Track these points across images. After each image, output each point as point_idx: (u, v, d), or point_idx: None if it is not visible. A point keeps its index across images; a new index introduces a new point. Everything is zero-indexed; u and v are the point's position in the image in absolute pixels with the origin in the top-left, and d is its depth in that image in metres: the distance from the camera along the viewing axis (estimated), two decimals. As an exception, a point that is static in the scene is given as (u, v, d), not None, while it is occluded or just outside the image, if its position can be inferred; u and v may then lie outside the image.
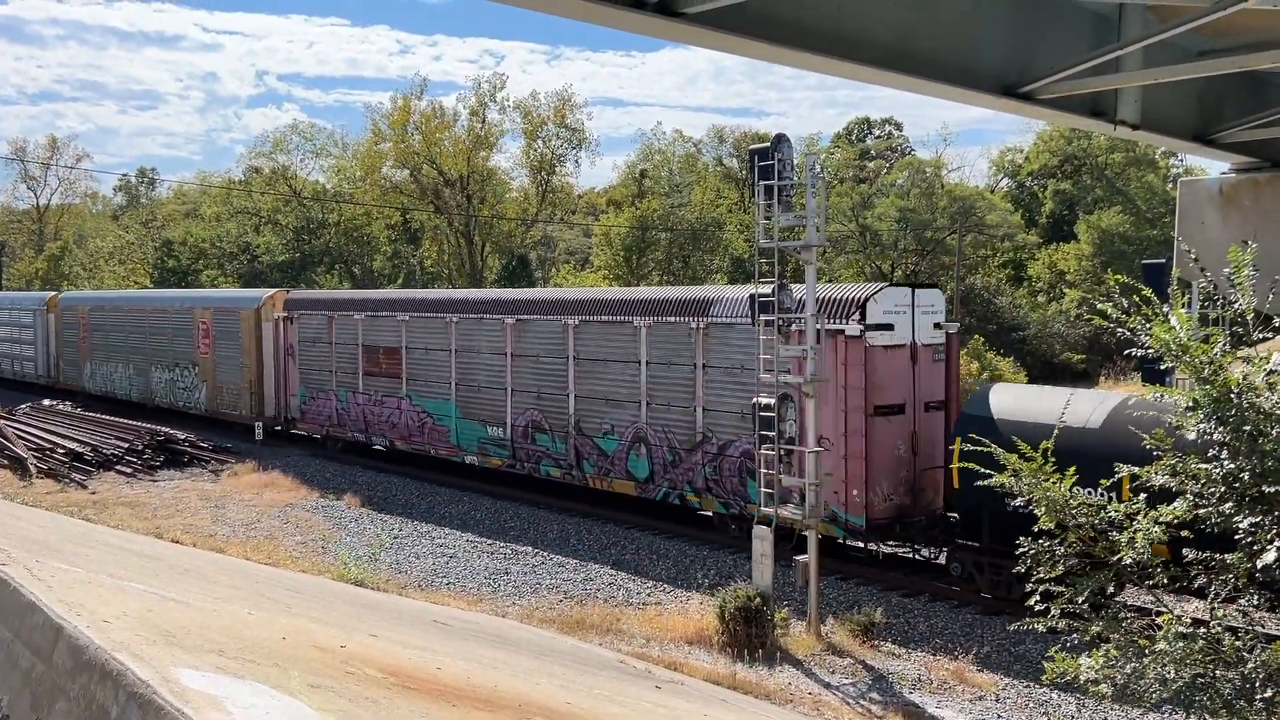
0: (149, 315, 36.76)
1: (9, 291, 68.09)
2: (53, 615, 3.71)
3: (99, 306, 40.97)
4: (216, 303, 34.06)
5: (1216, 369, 7.24)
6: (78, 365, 41.43)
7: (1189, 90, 9.48)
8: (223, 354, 32.21)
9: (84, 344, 40.88)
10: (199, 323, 33.52)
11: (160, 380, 35.75)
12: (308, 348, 29.09)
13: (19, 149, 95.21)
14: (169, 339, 35.12)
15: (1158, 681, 7.31)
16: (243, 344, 31.24)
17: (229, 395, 32.12)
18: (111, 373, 38.97)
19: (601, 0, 5.59)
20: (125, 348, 38.03)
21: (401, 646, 5.88)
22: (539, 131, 64.39)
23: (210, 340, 32.85)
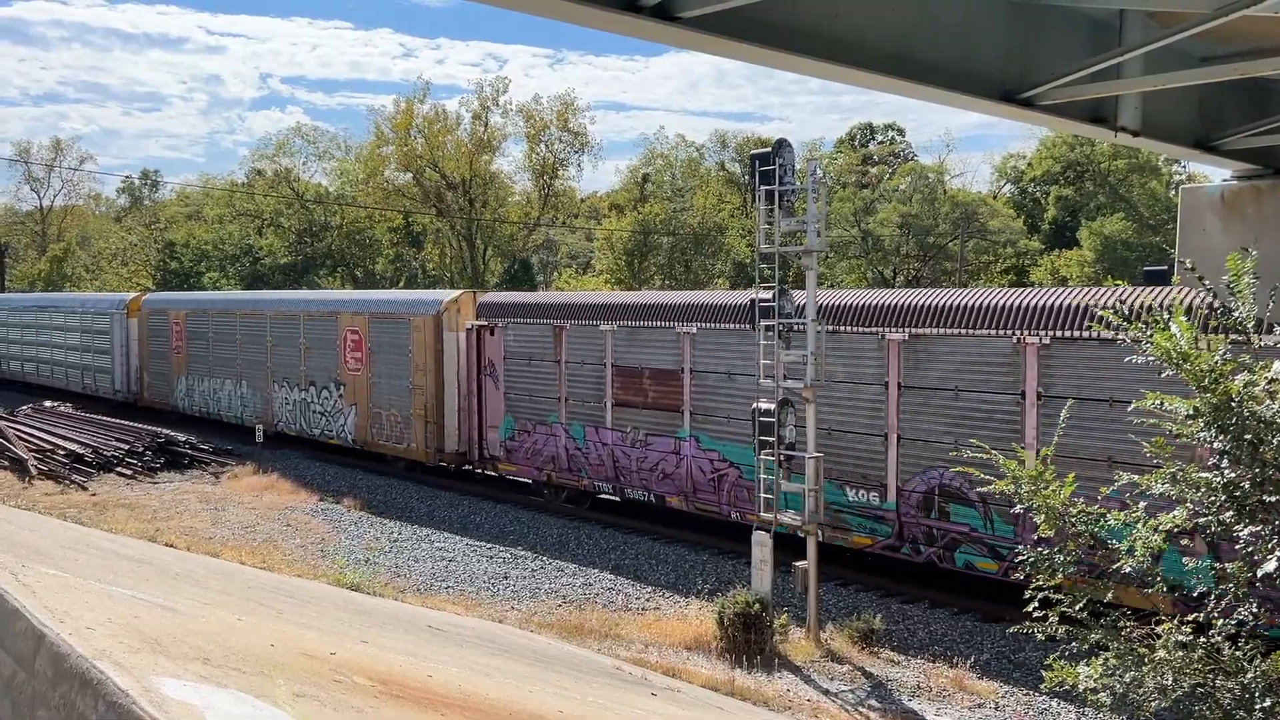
0: (272, 322, 29.99)
1: (79, 292, 62.60)
2: (35, 622, 3.67)
3: (200, 310, 34.15)
4: (375, 307, 26.43)
5: (1217, 377, 7.20)
6: (168, 380, 35.23)
7: (1190, 96, 9.44)
8: (382, 372, 25.53)
9: (178, 355, 34.68)
10: (346, 332, 26.78)
11: (286, 402, 29.25)
12: (518, 366, 22.15)
13: (23, 150, 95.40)
14: (302, 351, 28.46)
15: (1157, 690, 7.27)
16: (413, 360, 24.52)
17: (390, 424, 25.41)
18: (215, 391, 32.71)
19: (598, 5, 5.56)
20: (236, 361, 31.68)
21: (393, 653, 5.84)
22: (541, 135, 64.50)
23: (364, 354, 26.11)
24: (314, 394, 28.15)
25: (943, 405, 15.10)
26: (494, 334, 22.69)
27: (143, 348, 37.04)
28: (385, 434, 25.73)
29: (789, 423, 14.62)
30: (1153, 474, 7.55)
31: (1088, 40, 8.19)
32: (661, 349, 19.14)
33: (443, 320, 24.19)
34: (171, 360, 35.25)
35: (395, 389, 25.29)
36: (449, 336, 24.07)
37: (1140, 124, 8.82)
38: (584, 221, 75.66)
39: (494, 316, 22.85)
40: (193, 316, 34.22)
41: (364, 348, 26.28)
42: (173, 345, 35.15)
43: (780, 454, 14.40)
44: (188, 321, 34.41)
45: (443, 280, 64.70)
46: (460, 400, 23.93)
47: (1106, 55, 7.81)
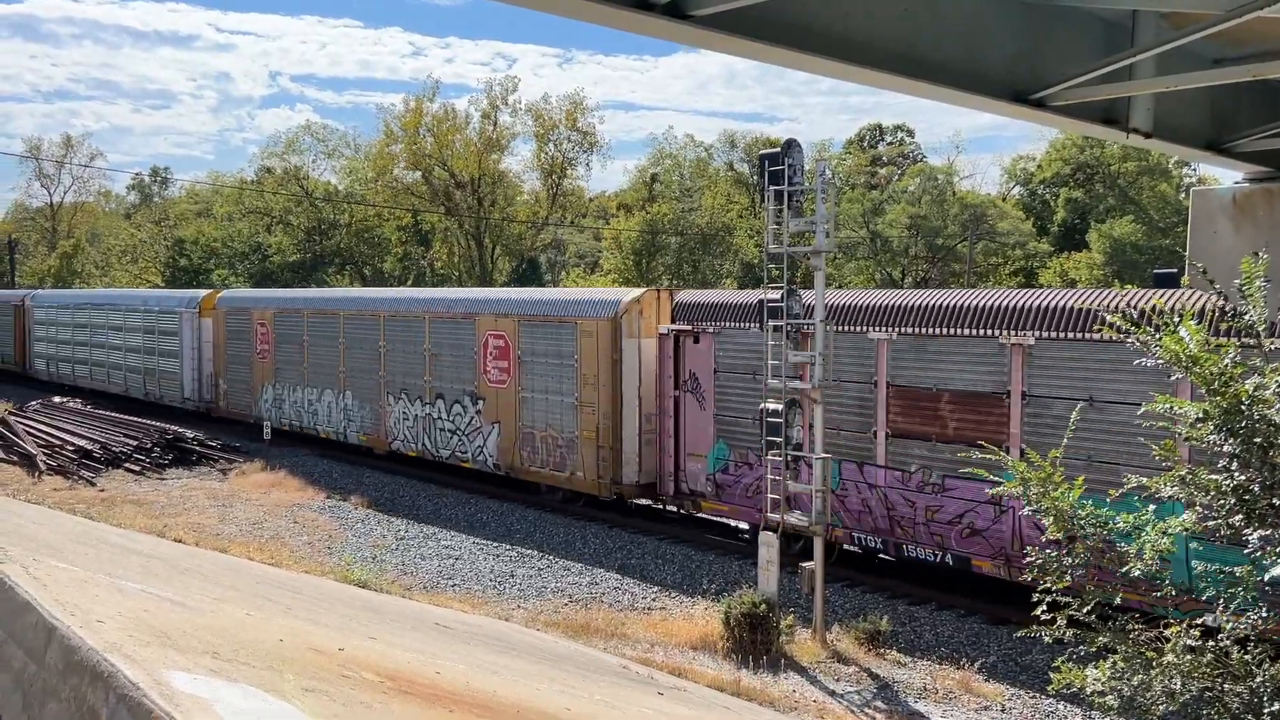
0: (388, 323, 25.95)
1: (145, 289, 59.27)
2: (46, 615, 3.68)
3: (293, 309, 29.75)
4: (528, 308, 22.42)
5: (1227, 380, 7.18)
6: (250, 388, 31.17)
7: (1202, 98, 9.41)
8: (536, 385, 21.61)
9: (263, 360, 30.57)
10: (488, 336, 22.72)
11: (404, 417, 25.34)
12: (736, 382, 17.96)
13: (34, 147, 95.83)
14: (427, 359, 24.56)
15: (1165, 694, 7.25)
16: (580, 371, 20.67)
17: (546, 448, 21.56)
18: (311, 402, 28.58)
19: (611, 2, 5.57)
20: (339, 368, 27.50)
21: (401, 650, 5.85)
22: (550, 134, 64.59)
23: (511, 363, 22.11)
24: (442, 409, 24.03)
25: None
26: (699, 341, 18.51)
27: (218, 351, 32.88)
28: (539, 459, 21.55)
29: (796, 423, 14.62)
30: (1161, 476, 7.53)
31: (1100, 41, 8.17)
32: (972, 366, 14.82)
33: (621, 324, 19.92)
34: (255, 366, 30.94)
35: (554, 406, 21.20)
36: (629, 344, 19.91)
37: (1152, 125, 8.80)
38: (592, 221, 75.73)
39: (699, 320, 18.66)
40: (283, 316, 29.93)
41: (511, 355, 22.22)
42: (256, 349, 30.84)
43: (788, 454, 14.39)
44: (276, 322, 30.15)
45: (451, 279, 64.79)
46: (644, 421, 19.93)
47: (1119, 56, 7.78)
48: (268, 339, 30.52)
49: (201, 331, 33.60)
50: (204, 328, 33.61)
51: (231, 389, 32.41)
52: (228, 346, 32.49)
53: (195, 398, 33.91)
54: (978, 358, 14.78)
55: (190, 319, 34.05)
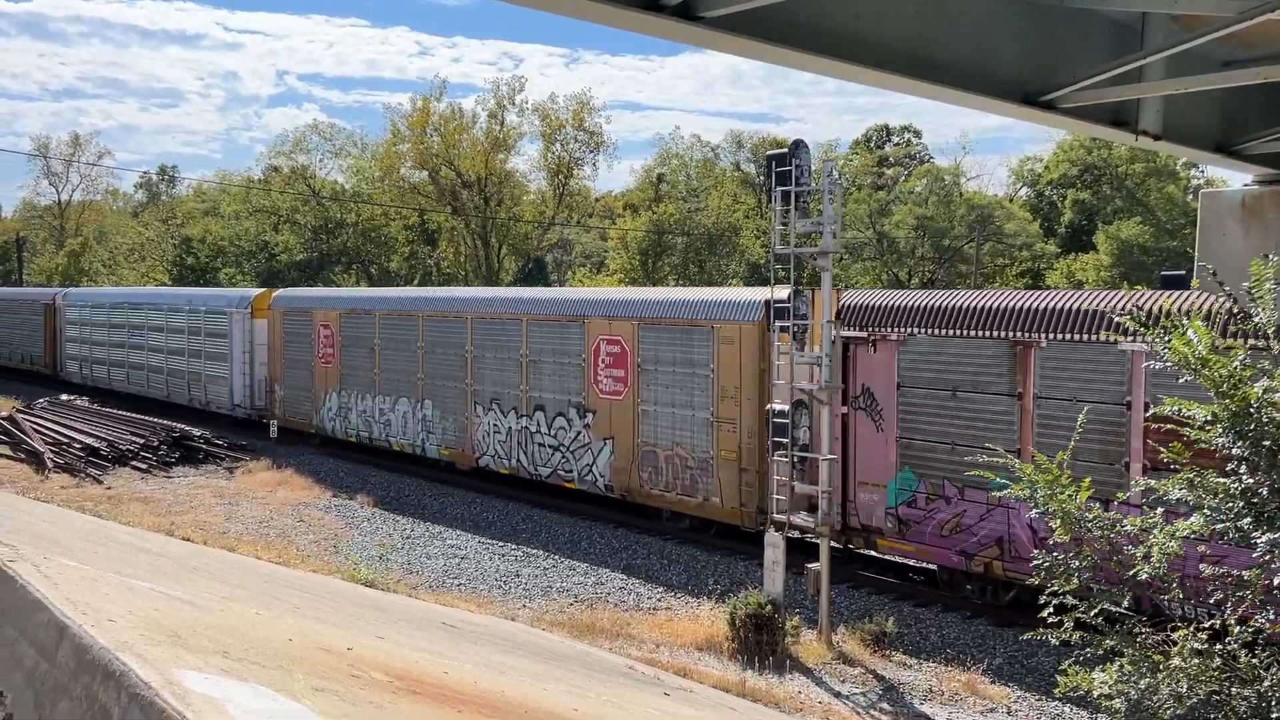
0: (477, 326, 23.31)
1: (188, 288, 56.21)
2: (58, 613, 3.70)
3: (363, 310, 27.03)
4: (650, 310, 19.65)
5: (1236, 383, 7.17)
6: (310, 396, 28.62)
7: (1212, 100, 9.39)
8: (660, 397, 18.86)
9: (327, 365, 27.97)
10: (600, 341, 20.06)
11: (496, 430, 22.75)
12: (930, 400, 15.21)
13: (42, 146, 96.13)
14: (524, 366, 21.97)
15: (1172, 698, 7.24)
16: (717, 382, 18.07)
17: (673, 469, 18.92)
18: (383, 412, 26.03)
19: (621, 4, 5.57)
20: (416, 375, 24.99)
21: (409, 649, 5.86)
22: (557, 134, 64.62)
23: (630, 371, 19.42)
24: (542, 422, 21.54)
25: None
26: (876, 349, 15.75)
27: (274, 355, 30.21)
28: (663, 481, 19.01)
29: (802, 424, 14.62)
30: (1170, 478, 7.52)
31: (1109, 43, 8.16)
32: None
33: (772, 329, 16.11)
34: (316, 372, 28.36)
35: (683, 421, 18.63)
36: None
37: (1162, 127, 8.78)
38: (598, 221, 75.76)
39: (877, 324, 15.82)
40: (351, 318, 27.24)
41: (629, 363, 19.53)
42: (318, 353, 28.24)
43: (794, 455, 14.40)
44: (343, 324, 27.46)
45: (457, 278, 64.86)
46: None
47: (1129, 58, 7.77)
48: (332, 342, 27.79)
49: (254, 333, 30.97)
50: (257, 329, 30.99)
51: (289, 396, 29.66)
52: (285, 350, 29.76)
53: (246, 404, 31.22)
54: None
55: (241, 320, 31.32)
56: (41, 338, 46.07)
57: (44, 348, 45.88)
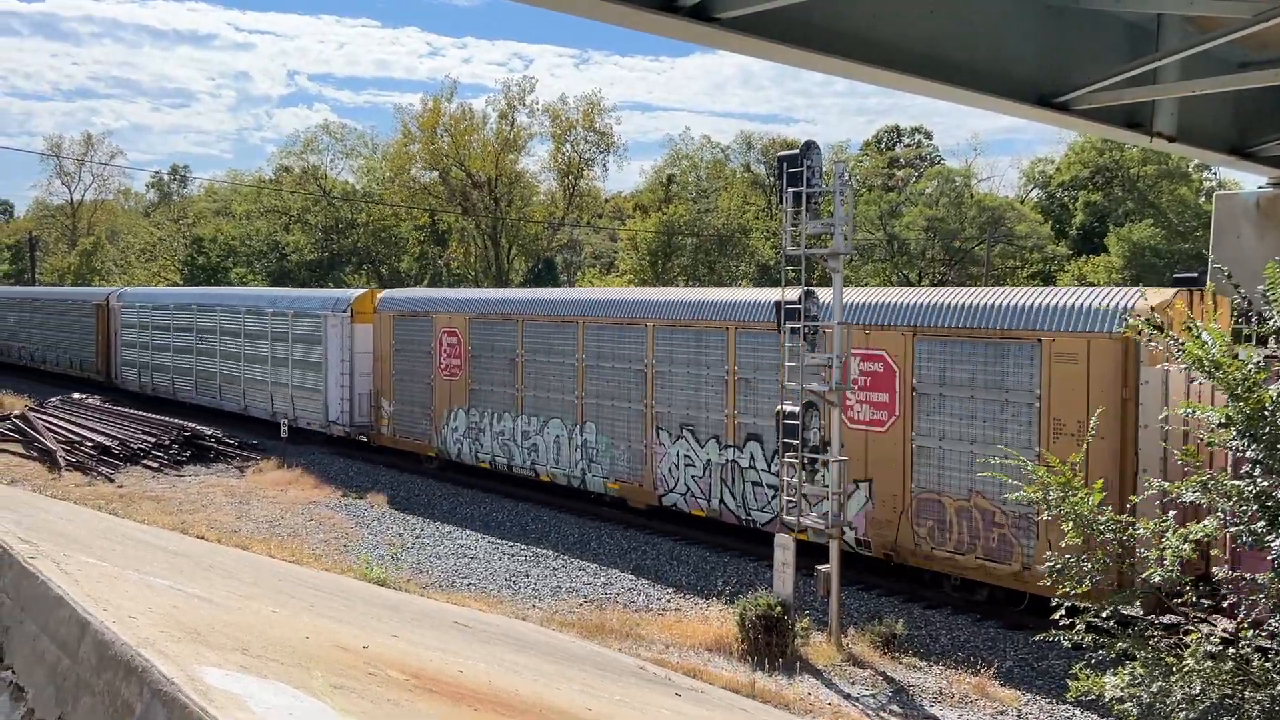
0: (660, 335, 19.43)
1: (268, 288, 52.70)
2: (80, 610, 3.73)
3: (500, 313, 23.18)
4: (936, 317, 15.41)
5: (1250, 385, 7.16)
6: (430, 413, 24.98)
7: (1227, 102, 9.36)
8: (947, 429, 15.07)
9: (451, 378, 24.28)
10: (853, 356, 15.88)
11: (689, 462, 18.91)
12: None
13: (55, 145, 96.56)
14: (729, 385, 18.15)
15: (1185, 701, 7.23)
16: (1047, 414, 13.99)
17: (966, 524, 14.95)
18: (527, 435, 22.29)
19: (637, 5, 5.59)
20: (573, 392, 21.27)
21: (423, 648, 5.88)
22: (567, 135, 64.70)
23: (900, 396, 15.43)
24: (757, 456, 17.78)
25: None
26: None
27: (381, 365, 26.58)
28: (951, 539, 15.08)
29: (813, 425, 14.60)
30: (1184, 480, 7.51)
31: (1124, 45, 8.14)
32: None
33: (1136, 345, 12.54)
34: (437, 386, 24.75)
35: (983, 463, 13.59)
36: (1152, 375, 12.67)
37: (1176, 129, 8.76)
38: (608, 222, 75.80)
39: None
40: (484, 324, 23.56)
41: (897, 385, 15.55)
42: (440, 364, 24.68)
43: (804, 457, 14.38)
44: (472, 330, 23.78)
45: (467, 279, 64.98)
46: None
47: (1143, 60, 7.76)
48: (459, 351, 24.10)
49: (354, 340, 27.29)
50: (358, 335, 27.27)
51: (400, 413, 26.04)
52: (395, 359, 26.15)
53: (345, 421, 27.56)
54: None
55: (339, 324, 27.63)
56: (94, 342, 42.44)
57: (96, 353, 42.30)
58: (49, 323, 46.76)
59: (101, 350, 41.82)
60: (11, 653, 4.05)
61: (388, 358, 26.53)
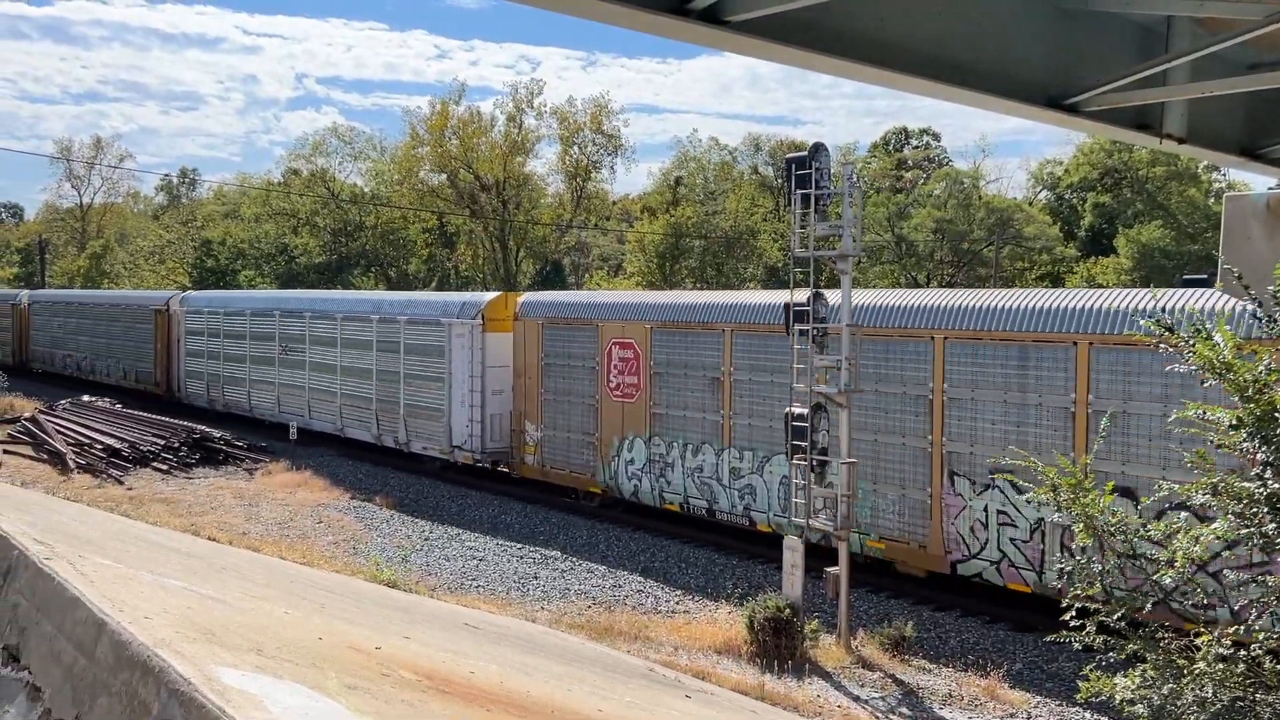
0: (956, 351, 15.33)
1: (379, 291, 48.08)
2: (96, 611, 3.75)
3: (692, 322, 19.50)
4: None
5: (1261, 387, 7.14)
6: (594, 441, 21.31)
7: (1238, 103, 9.34)
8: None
9: (625, 399, 20.57)
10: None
11: (1005, 520, 14.72)
12: None
13: (65, 149, 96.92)
14: (1080, 422, 13.95)
15: (1196, 703, 7.20)
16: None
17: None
18: (736, 472, 18.48)
19: (649, 8, 5.60)
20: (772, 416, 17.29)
21: (435, 649, 5.90)
22: (575, 137, 64.76)
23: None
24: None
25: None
26: None
27: (524, 383, 22.92)
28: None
29: (822, 427, 14.60)
30: (1194, 484, 7.49)
31: (1134, 45, 8.13)
32: None
33: None
34: (605, 408, 20.97)
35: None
36: None
37: (1186, 131, 8.74)
38: (616, 224, 75.83)
39: None
40: (671, 334, 19.64)
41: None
42: (610, 382, 20.83)
43: (813, 459, 14.38)
44: (656, 341, 19.86)
45: (475, 281, 65.06)
46: None
47: (1153, 61, 7.74)
48: (636, 367, 20.22)
49: (486, 351, 23.74)
50: (491, 346, 23.71)
51: (552, 439, 22.28)
52: (545, 375, 22.42)
53: (473, 446, 23.97)
54: None
55: (467, 333, 24.08)
56: (151, 350, 38.90)
57: (155, 363, 38.65)
58: (99, 329, 43.32)
59: (161, 361, 38.31)
60: (28, 653, 4.08)
61: (534, 373, 22.62)
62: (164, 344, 38.29)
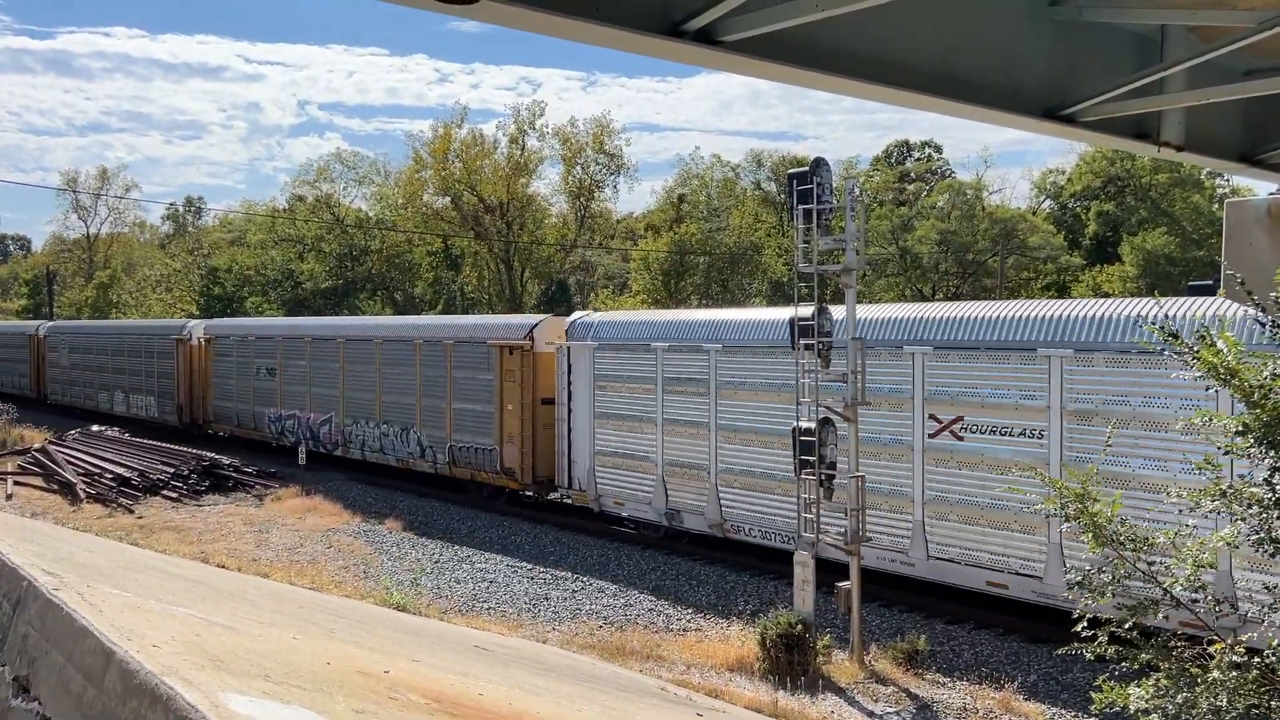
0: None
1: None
2: (104, 640, 3.77)
3: None
4: None
5: (1267, 392, 7.13)
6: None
7: (1235, 111, 9.36)
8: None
9: None
10: None
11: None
12: None
13: (71, 180, 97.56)
14: None
15: (1211, 712, 7.16)
16: None
17: None
18: None
19: (644, 31, 5.64)
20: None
21: (444, 672, 5.90)
22: (577, 157, 64.96)
23: None
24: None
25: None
26: None
27: None
28: None
29: (830, 441, 14.58)
30: (1204, 488, 7.47)
31: (1130, 55, 8.16)
32: None
33: None
34: None
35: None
36: None
37: (1184, 139, 8.76)
38: (620, 242, 75.98)
39: None
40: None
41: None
42: None
43: (821, 473, 14.36)
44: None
45: (481, 303, 65.17)
46: None
47: (1149, 71, 7.77)
48: None
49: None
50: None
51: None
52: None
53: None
54: None
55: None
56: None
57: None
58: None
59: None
60: (38, 683, 4.10)
61: None
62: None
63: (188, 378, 36.89)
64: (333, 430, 29.98)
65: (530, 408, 23.19)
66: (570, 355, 21.99)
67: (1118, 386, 13.89)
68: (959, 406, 15.41)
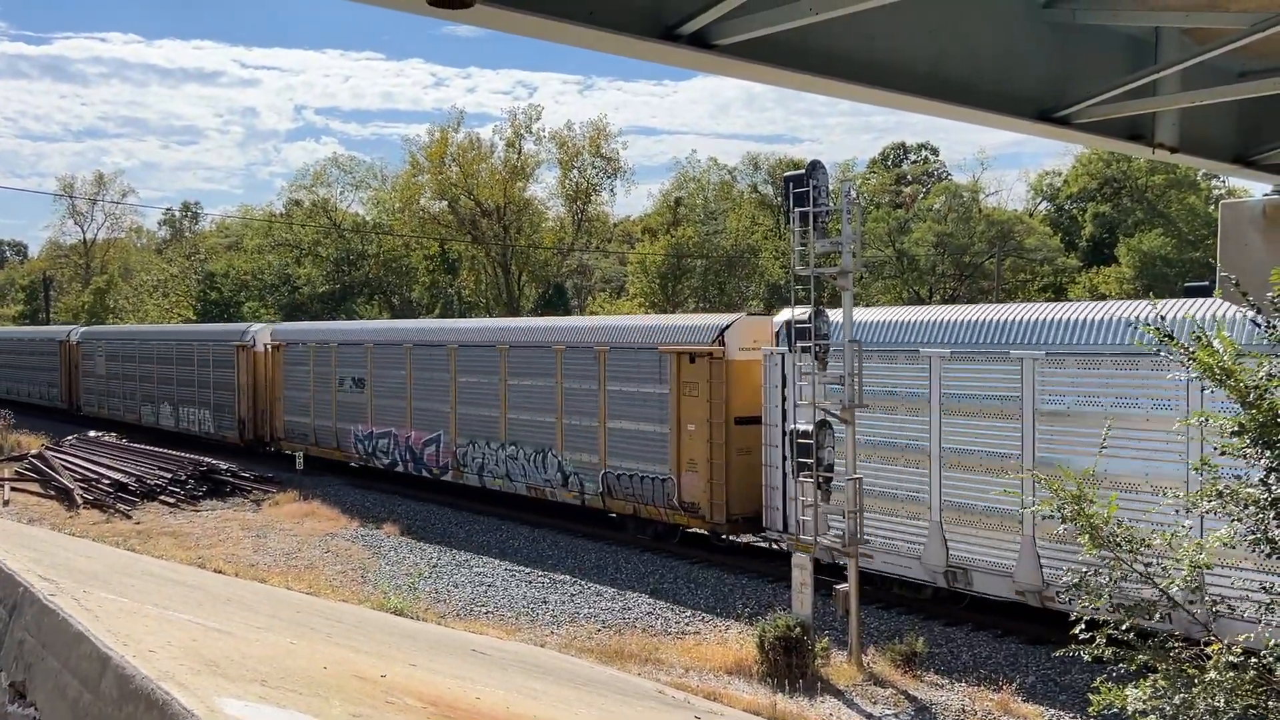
0: None
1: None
2: (100, 645, 3.77)
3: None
4: None
5: (1263, 393, 7.14)
6: None
7: (1229, 112, 9.38)
8: None
9: None
10: None
11: None
12: None
13: (67, 186, 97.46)
14: None
15: (1208, 712, 7.17)
16: None
17: None
18: None
19: (638, 36, 5.65)
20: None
21: (441, 676, 5.91)
22: (574, 161, 65.01)
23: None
24: None
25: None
26: None
27: None
28: None
29: (827, 444, 14.59)
30: (1200, 489, 7.48)
31: (1124, 58, 8.18)
32: None
33: None
34: None
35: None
36: None
37: (1178, 140, 8.78)
38: (617, 246, 76.02)
39: None
40: None
41: None
42: None
43: (819, 476, 14.37)
44: None
45: (479, 307, 65.16)
46: None
47: (1143, 73, 7.79)
48: None
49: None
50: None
51: None
52: None
53: None
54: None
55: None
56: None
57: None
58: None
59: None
60: (34, 690, 4.10)
61: None
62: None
63: (251, 389, 32.73)
64: (441, 451, 25.69)
65: (721, 428, 18.76)
66: (788, 364, 16.48)
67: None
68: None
